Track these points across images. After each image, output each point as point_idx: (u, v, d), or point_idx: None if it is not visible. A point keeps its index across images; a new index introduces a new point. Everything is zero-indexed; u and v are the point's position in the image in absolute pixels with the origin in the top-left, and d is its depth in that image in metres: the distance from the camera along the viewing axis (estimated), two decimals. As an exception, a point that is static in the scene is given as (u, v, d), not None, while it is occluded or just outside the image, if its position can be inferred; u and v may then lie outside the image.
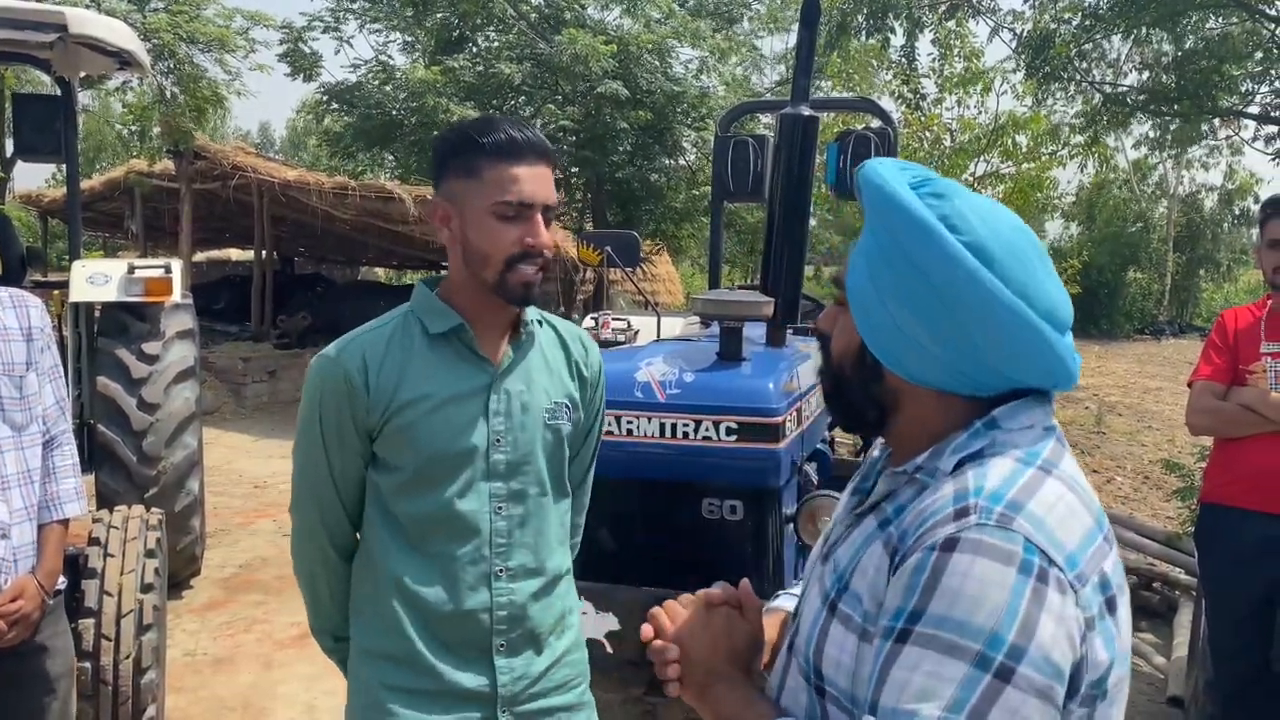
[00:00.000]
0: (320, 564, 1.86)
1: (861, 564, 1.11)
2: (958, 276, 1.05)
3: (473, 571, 1.77)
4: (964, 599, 0.96)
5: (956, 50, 9.21)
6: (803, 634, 1.18)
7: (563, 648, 1.89)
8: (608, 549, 3.08)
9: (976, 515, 1.01)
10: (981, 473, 1.06)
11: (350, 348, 1.76)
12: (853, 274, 1.15)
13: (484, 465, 1.77)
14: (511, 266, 1.70)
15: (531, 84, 14.79)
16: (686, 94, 14.51)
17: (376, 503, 1.80)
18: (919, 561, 1.00)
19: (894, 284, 1.09)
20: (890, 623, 1.01)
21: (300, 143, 45.14)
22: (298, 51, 15.95)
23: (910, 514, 1.08)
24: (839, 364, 1.22)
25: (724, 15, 16.42)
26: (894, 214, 1.09)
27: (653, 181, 15.47)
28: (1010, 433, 1.10)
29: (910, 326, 1.09)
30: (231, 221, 15.89)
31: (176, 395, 5.13)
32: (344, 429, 1.75)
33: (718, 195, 5.21)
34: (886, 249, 1.10)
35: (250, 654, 4.85)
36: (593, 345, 2.01)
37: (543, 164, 1.72)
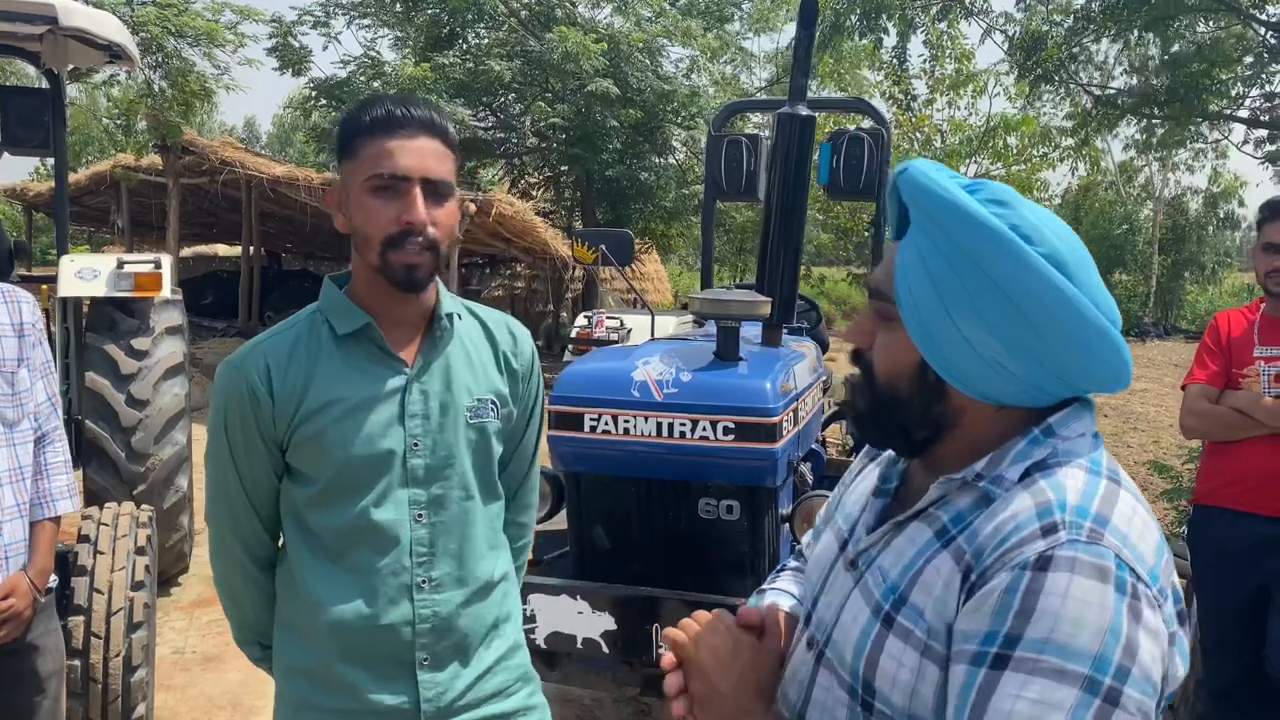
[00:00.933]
0: (239, 576, 1.77)
1: (924, 578, 1.05)
2: (1039, 290, 1.01)
3: (393, 583, 1.67)
4: (1065, 621, 0.92)
5: (948, 52, 9.20)
6: (846, 645, 1.13)
7: (493, 656, 1.78)
8: (604, 548, 3.07)
9: (1066, 531, 0.97)
10: (1058, 484, 1.02)
11: (253, 354, 1.67)
12: (905, 288, 1.08)
13: (401, 471, 1.67)
14: (392, 246, 1.59)
15: (522, 81, 14.78)
16: (677, 93, 14.52)
17: (291, 515, 1.72)
18: (1009, 582, 0.95)
19: (967, 300, 1.03)
20: (981, 647, 0.96)
21: (287, 138, 44.95)
22: (287, 46, 15.89)
23: (983, 528, 1.03)
24: (889, 384, 1.13)
25: (714, 14, 16.44)
26: (966, 227, 1.03)
27: (643, 180, 15.48)
28: (1068, 440, 1.07)
29: (985, 344, 1.04)
30: (219, 217, 15.83)
31: (166, 391, 5.08)
32: (251, 440, 1.66)
33: (711, 194, 5.20)
34: (956, 263, 1.04)
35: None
36: (523, 334, 1.91)
37: (424, 136, 1.60)
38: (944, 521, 1.08)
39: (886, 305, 1.12)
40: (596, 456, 2.92)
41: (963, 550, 1.03)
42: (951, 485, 1.10)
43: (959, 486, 1.09)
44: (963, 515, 1.07)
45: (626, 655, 2.85)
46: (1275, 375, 3.16)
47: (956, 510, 1.08)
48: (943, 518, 1.09)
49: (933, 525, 1.09)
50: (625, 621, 2.80)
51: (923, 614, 1.04)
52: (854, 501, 1.31)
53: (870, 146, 4.61)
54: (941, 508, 1.10)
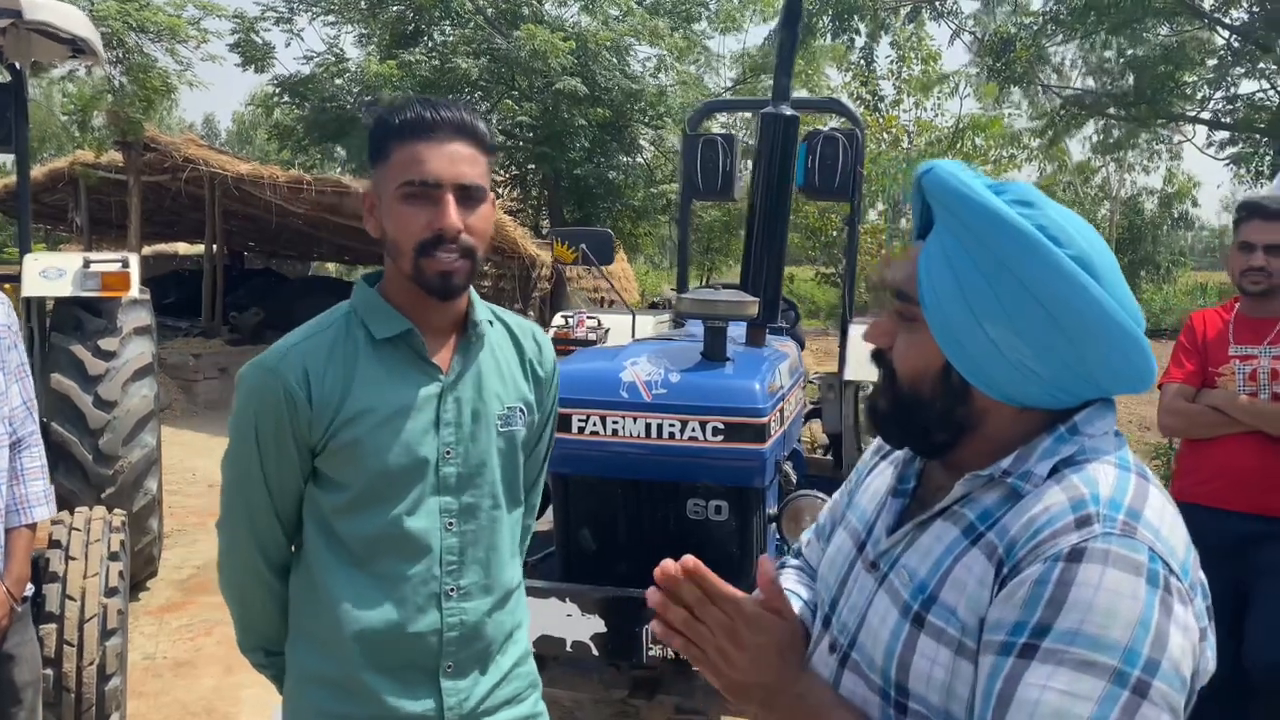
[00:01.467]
0: (253, 582, 1.73)
1: (954, 575, 1.05)
2: (1068, 293, 1.00)
3: (422, 592, 1.65)
4: (1096, 612, 0.92)
5: (914, 54, 9.28)
6: (875, 649, 1.12)
7: (509, 663, 1.78)
8: (590, 550, 3.05)
9: (1100, 524, 0.97)
10: (1089, 479, 1.02)
11: (290, 357, 1.62)
12: (930, 289, 1.07)
13: (434, 480, 1.65)
14: (424, 254, 1.56)
15: (489, 79, 14.70)
16: (645, 92, 14.51)
17: (317, 520, 1.67)
18: (1041, 573, 0.95)
19: (995, 303, 1.03)
20: (1010, 638, 0.96)
21: (247, 136, 44.38)
22: (249, 42, 15.69)
23: (1014, 523, 1.02)
24: (912, 386, 1.12)
25: (681, 14, 16.44)
26: (994, 229, 1.03)
27: (610, 179, 15.45)
28: (1094, 438, 1.07)
29: (1012, 347, 1.03)
30: (181, 215, 15.58)
31: (134, 393, 4.99)
32: (283, 445, 1.62)
33: (687, 194, 5.20)
34: (983, 266, 1.03)
35: (211, 657, 4.75)
36: (546, 341, 1.89)
37: (458, 141, 1.58)
38: (971, 519, 1.08)
39: (909, 306, 1.11)
40: (584, 458, 2.90)
41: (994, 545, 1.03)
42: (976, 482, 1.09)
43: (984, 484, 1.09)
44: (990, 512, 1.06)
45: (616, 658, 2.84)
46: (1250, 373, 3.20)
47: (983, 507, 1.07)
48: (969, 515, 1.08)
49: (959, 523, 1.09)
50: (615, 623, 2.78)
51: (955, 612, 1.03)
52: (868, 501, 1.30)
53: (845, 147, 4.63)
54: (966, 505, 1.09)
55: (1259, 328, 3.23)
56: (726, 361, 2.99)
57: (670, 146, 16.52)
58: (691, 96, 15.75)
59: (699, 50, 17.26)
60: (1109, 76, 8.48)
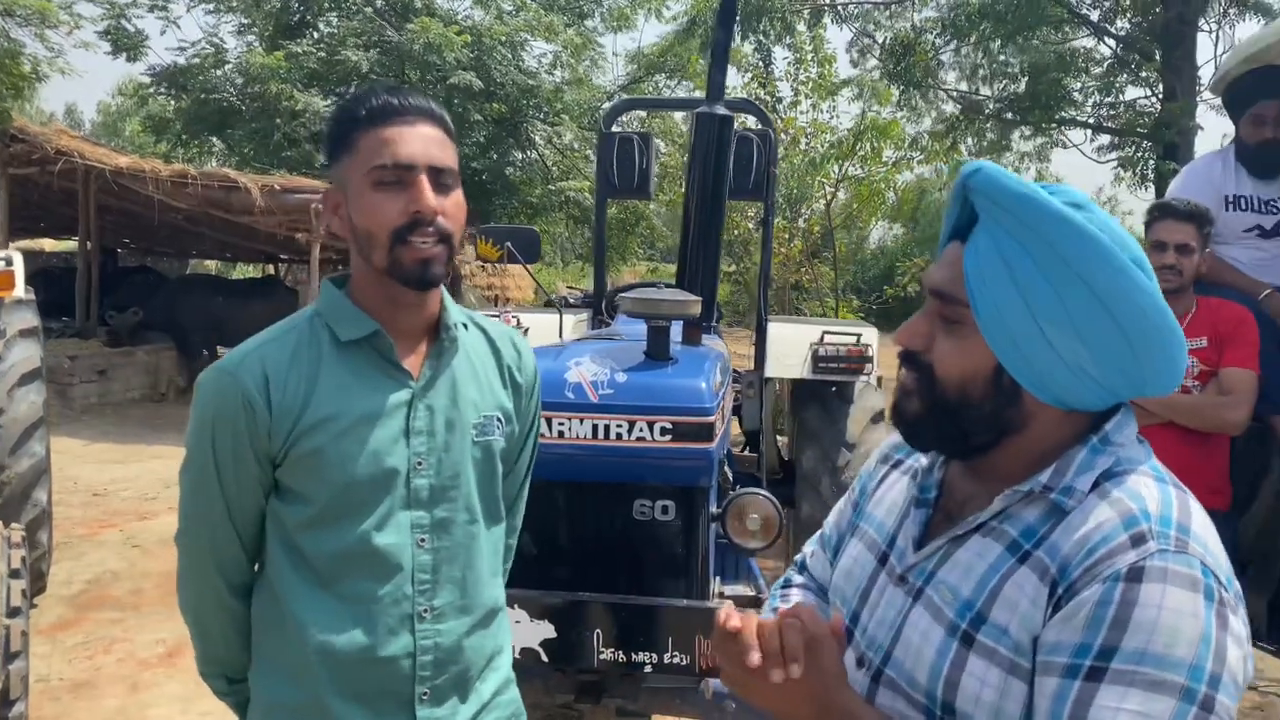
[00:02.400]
0: (212, 603, 1.62)
1: (1004, 594, 1.04)
2: (1135, 294, 1.02)
3: (394, 613, 1.54)
4: (1161, 631, 0.93)
5: (810, 56, 9.46)
6: (917, 667, 1.10)
7: (490, 690, 1.68)
8: (537, 554, 3.00)
9: (1156, 541, 0.97)
10: (1135, 494, 1.03)
11: (249, 360, 1.52)
12: (983, 293, 1.06)
13: (404, 492, 1.55)
14: (400, 241, 1.47)
15: (379, 72, 14.35)
16: (541, 88, 14.41)
17: (280, 537, 1.56)
18: (1103, 594, 0.96)
19: (1059, 306, 1.02)
20: (1075, 660, 0.96)
21: (115, 127, 42.31)
22: (120, 29, 14.97)
23: (1065, 541, 1.02)
24: (960, 389, 1.10)
25: (575, 10, 16.39)
26: (1063, 233, 1.02)
27: (507, 175, 15.29)
28: (1125, 447, 1.08)
29: (1072, 350, 1.03)
30: (49, 210, 14.73)
31: (21, 399, 4.71)
32: (241, 455, 1.51)
33: (603, 192, 5.16)
34: (1048, 269, 1.02)
35: (113, 676, 4.50)
36: (527, 348, 1.79)
37: (425, 123, 1.51)
38: (1014, 536, 1.07)
39: (955, 308, 1.10)
40: (528, 461, 2.84)
41: (1045, 564, 1.02)
42: (1015, 497, 1.08)
43: (1022, 498, 1.08)
44: (1034, 528, 1.06)
45: (567, 663, 2.80)
46: (1159, 368, 3.36)
47: (1025, 524, 1.07)
48: (1010, 532, 1.08)
49: (1000, 540, 1.08)
50: (565, 629, 2.74)
51: (1007, 631, 1.03)
52: (884, 513, 1.28)
53: (759, 147, 4.68)
54: (1005, 521, 1.09)
55: (1167, 324, 3.39)
56: (670, 361, 2.98)
57: (566, 143, 16.46)
58: (584, 95, 15.72)
59: (594, 48, 17.23)
60: (1003, 81, 8.86)
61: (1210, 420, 3.22)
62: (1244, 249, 3.73)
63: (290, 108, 13.49)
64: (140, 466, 8.78)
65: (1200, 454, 3.26)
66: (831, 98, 8.92)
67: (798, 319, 6.87)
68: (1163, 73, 7.62)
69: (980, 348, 1.08)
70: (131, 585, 5.70)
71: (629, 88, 17.02)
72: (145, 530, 6.84)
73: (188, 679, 4.43)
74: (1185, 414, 3.25)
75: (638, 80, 17.23)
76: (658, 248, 18.77)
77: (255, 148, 14.75)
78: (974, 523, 1.11)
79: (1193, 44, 7.48)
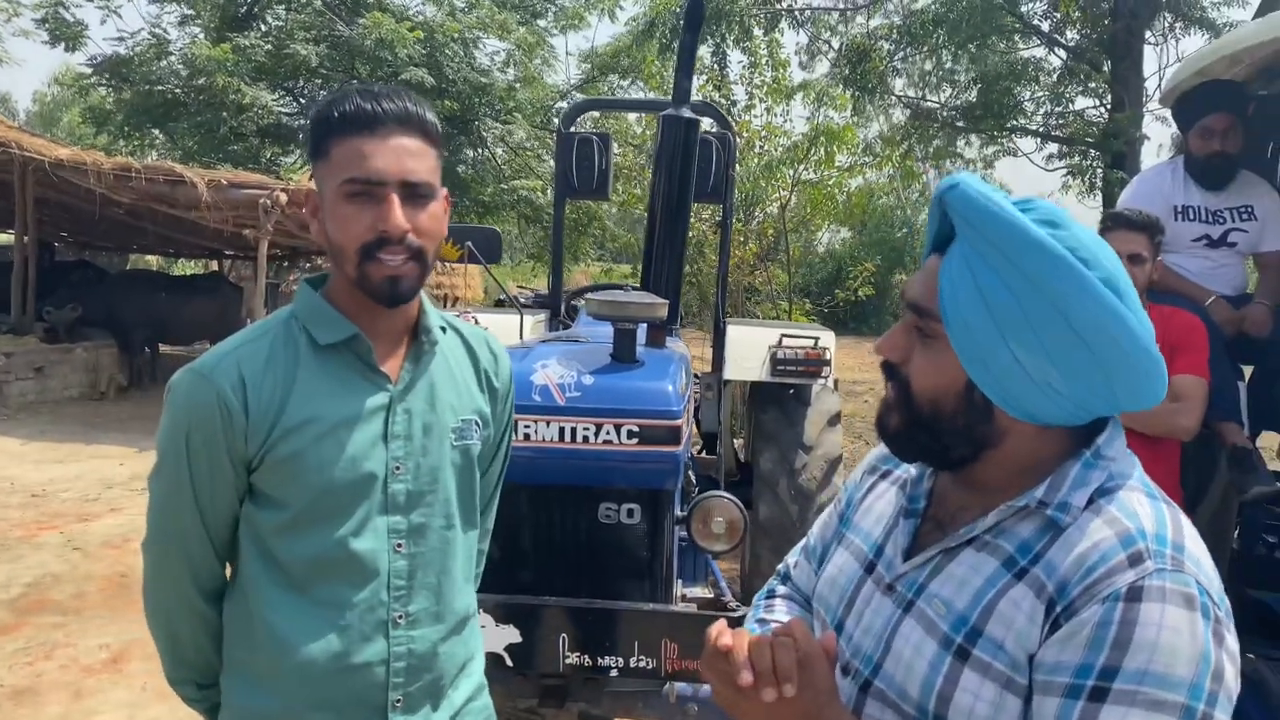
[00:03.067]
0: (183, 610, 1.58)
1: (1000, 610, 1.04)
2: (1101, 315, 1.01)
3: (369, 619, 1.53)
4: (1162, 651, 0.94)
5: (765, 60, 9.53)
6: (909, 680, 1.10)
7: (462, 698, 1.67)
8: (502, 558, 2.97)
9: (1153, 560, 0.98)
10: (1130, 512, 1.04)
11: (225, 363, 1.49)
12: (954, 307, 1.06)
13: (382, 497, 1.53)
14: (368, 257, 1.45)
15: (329, 67, 14.17)
16: (493, 86, 14.32)
17: (253, 542, 1.54)
18: (1103, 614, 0.96)
19: (1024, 324, 1.02)
20: (1077, 680, 0.96)
21: (53, 117, 41.22)
22: (59, 18, 14.62)
23: (1061, 558, 1.03)
24: (932, 402, 1.11)
25: (528, 9, 16.32)
26: (1027, 251, 1.02)
27: (459, 173, 15.17)
28: (1116, 461, 1.09)
29: (1039, 367, 1.03)
30: (-18, 202, 14.31)
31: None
32: (216, 459, 1.48)
33: (561, 192, 5.14)
34: (1014, 286, 1.02)
35: (55, 683, 4.37)
36: (502, 351, 1.79)
37: (403, 134, 1.46)
38: (1009, 551, 1.07)
39: (929, 322, 1.10)
40: (495, 463, 2.82)
41: (1041, 582, 1.03)
42: (1008, 512, 1.09)
43: (1016, 513, 1.09)
44: (1029, 544, 1.06)
45: (530, 668, 2.78)
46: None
47: (1020, 539, 1.07)
48: (1007, 547, 1.08)
49: (996, 555, 1.08)
50: (530, 633, 2.73)
51: (1002, 646, 1.03)
52: (872, 523, 1.29)
53: (718, 150, 4.70)
54: (999, 536, 1.09)
55: (1117, 331, 3.46)
56: (637, 364, 2.97)
57: (519, 142, 16.37)
58: (537, 94, 15.66)
59: (546, 47, 17.18)
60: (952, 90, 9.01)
61: (1162, 427, 3.29)
62: (1192, 258, 3.82)
63: (237, 101, 13.27)
64: (80, 466, 8.55)
65: (1151, 459, 3.30)
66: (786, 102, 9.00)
67: (755, 321, 6.90)
68: (1111, 84, 7.80)
69: (952, 363, 1.08)
70: (74, 588, 5.55)
71: (582, 87, 16.98)
72: (87, 532, 6.66)
73: (133, 685, 4.33)
74: (1137, 420, 3.31)
75: (591, 80, 17.19)
76: (608, 248, 18.75)
77: (200, 141, 14.49)
78: (966, 535, 1.11)
79: (1140, 56, 7.67)
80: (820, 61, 10.18)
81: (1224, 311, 3.63)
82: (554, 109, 15.66)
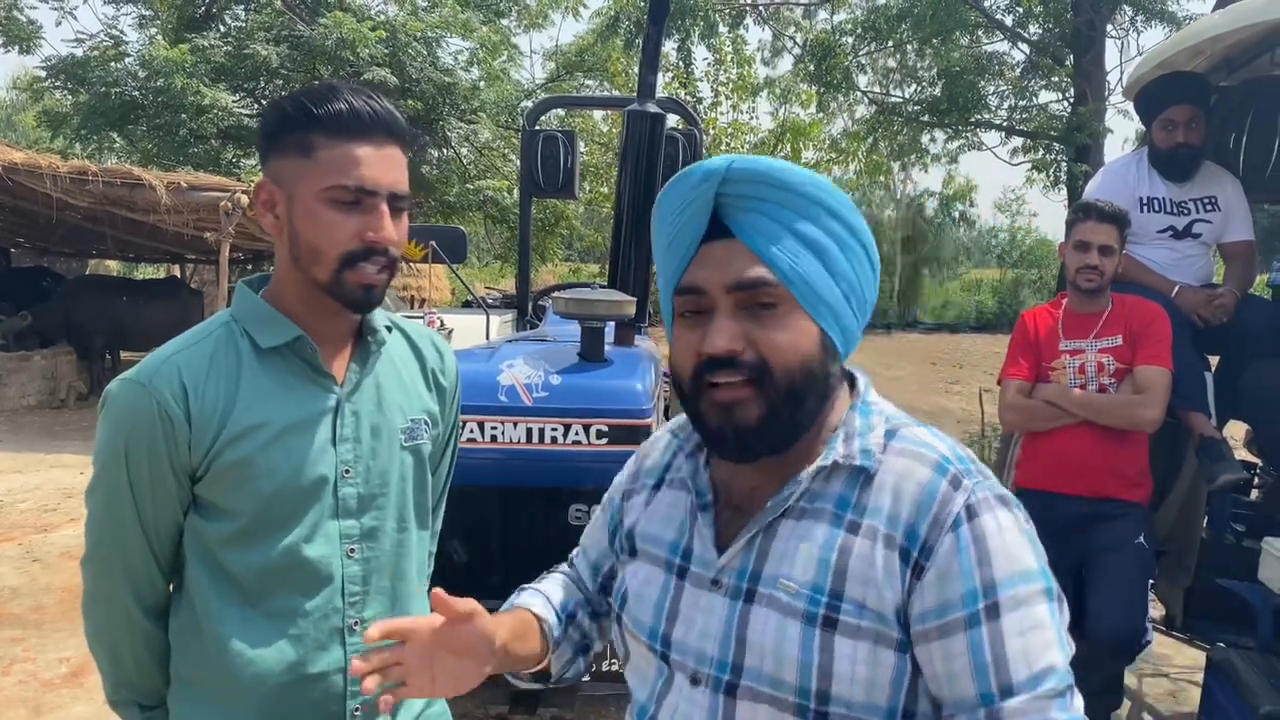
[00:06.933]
0: (123, 627, 1.53)
1: (851, 570, 1.07)
2: (865, 226, 1.15)
3: (323, 627, 1.50)
4: (1011, 551, 1.04)
5: (731, 58, 9.52)
6: (781, 667, 1.08)
7: (420, 704, 1.65)
8: (469, 561, 2.93)
9: (968, 478, 1.08)
10: (923, 442, 1.12)
11: (164, 371, 1.43)
12: (792, 266, 1.09)
13: (332, 501, 1.50)
14: (349, 265, 1.42)
15: (290, 67, 14.00)
16: (458, 85, 14.22)
17: (200, 555, 1.49)
18: (956, 542, 1.04)
19: (840, 256, 1.12)
20: (969, 609, 1.03)
21: (10, 121, 40.49)
22: (12, 20, 14.36)
23: (887, 503, 1.08)
24: (804, 369, 1.10)
25: (491, 8, 16.23)
26: (825, 193, 1.11)
27: (423, 174, 15.06)
28: (879, 403, 1.19)
29: (854, 291, 1.13)
30: (-66, 207, 14.00)
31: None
32: (159, 470, 1.43)
33: (527, 191, 5.10)
34: (826, 226, 1.11)
35: (13, 698, 4.27)
36: (448, 349, 1.76)
37: (392, 144, 1.45)
38: (830, 510, 1.10)
39: (769, 292, 1.08)
40: (460, 466, 2.77)
41: (882, 532, 1.07)
42: (816, 473, 1.12)
43: (821, 473, 1.12)
44: (846, 498, 1.10)
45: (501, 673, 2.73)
46: (1079, 367, 3.42)
47: (836, 495, 1.11)
48: (826, 507, 1.11)
49: (819, 518, 1.11)
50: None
51: (864, 605, 1.06)
52: (661, 527, 1.26)
53: (685, 147, 4.67)
54: (812, 500, 1.12)
55: (1085, 323, 3.45)
56: (605, 363, 2.93)
57: (484, 142, 16.27)
58: (502, 92, 15.57)
59: (508, 47, 17.09)
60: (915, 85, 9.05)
61: (1126, 419, 3.30)
62: (1158, 249, 3.84)
63: (196, 103, 13.08)
64: (39, 476, 8.38)
65: (1120, 450, 3.34)
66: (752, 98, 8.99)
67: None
68: (1074, 78, 7.86)
69: (805, 322, 1.10)
70: (32, 601, 5.43)
71: (547, 86, 16.91)
72: (45, 543, 6.53)
73: (94, 700, 4.23)
74: (1102, 413, 3.32)
75: (556, 79, 17.13)
76: (576, 247, 18.71)
77: (159, 144, 14.27)
78: (780, 508, 1.12)
79: (1102, 50, 7.73)
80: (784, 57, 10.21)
81: (1193, 296, 3.64)
82: (519, 108, 15.56)
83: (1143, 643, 3.28)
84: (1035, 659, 1.01)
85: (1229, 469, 3.35)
